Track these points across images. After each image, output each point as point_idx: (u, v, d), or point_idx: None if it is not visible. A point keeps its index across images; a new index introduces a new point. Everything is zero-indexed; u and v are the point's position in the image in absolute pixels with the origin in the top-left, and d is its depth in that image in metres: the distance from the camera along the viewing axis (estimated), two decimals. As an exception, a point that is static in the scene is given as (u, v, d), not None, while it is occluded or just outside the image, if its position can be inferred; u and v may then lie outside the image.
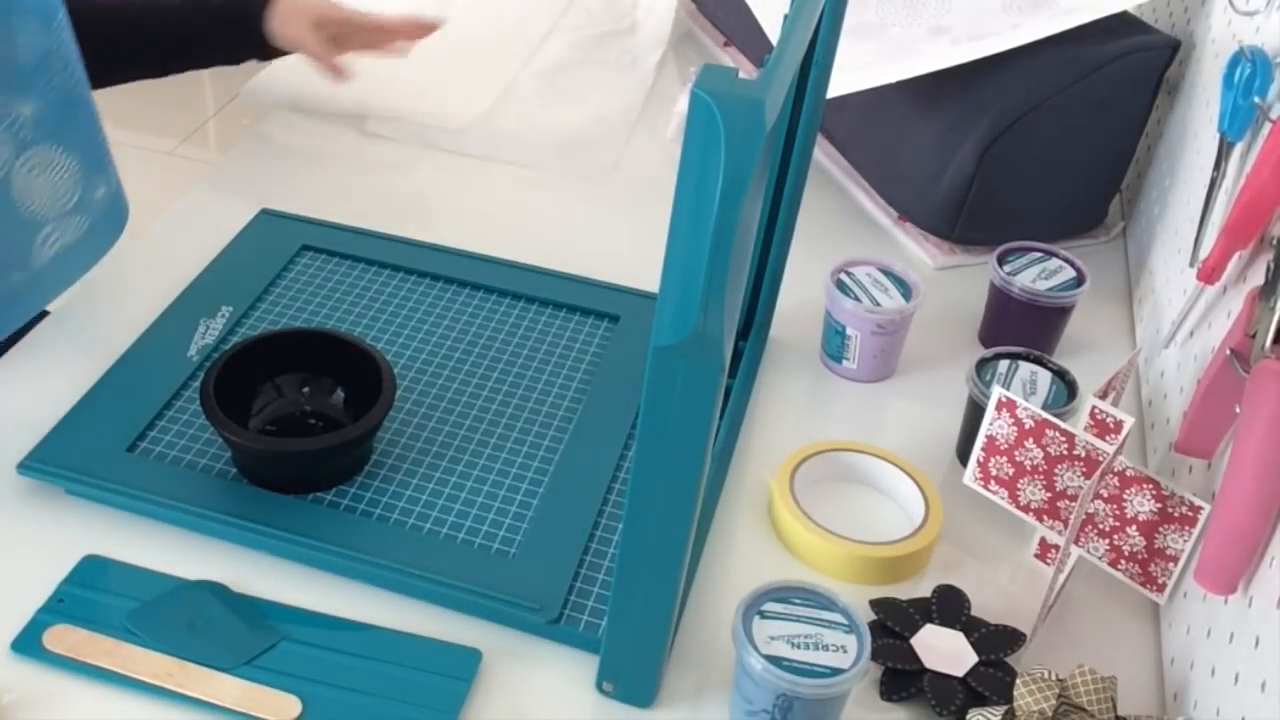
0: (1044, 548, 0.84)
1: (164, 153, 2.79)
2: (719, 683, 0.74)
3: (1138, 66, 1.07)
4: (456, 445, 0.87)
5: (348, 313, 0.99)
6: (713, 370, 0.58)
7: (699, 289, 0.55)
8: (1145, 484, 0.76)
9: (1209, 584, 0.66)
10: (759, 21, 1.22)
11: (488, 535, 0.80)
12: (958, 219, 1.10)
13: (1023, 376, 0.88)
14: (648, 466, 0.61)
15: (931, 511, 0.83)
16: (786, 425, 0.94)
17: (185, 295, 0.97)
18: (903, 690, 0.73)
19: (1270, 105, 0.85)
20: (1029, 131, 1.06)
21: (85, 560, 0.77)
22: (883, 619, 0.76)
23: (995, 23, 1.07)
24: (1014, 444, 0.81)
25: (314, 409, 0.87)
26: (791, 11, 0.68)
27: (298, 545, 0.78)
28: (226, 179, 1.16)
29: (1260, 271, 0.76)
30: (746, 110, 0.51)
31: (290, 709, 0.69)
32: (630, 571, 0.66)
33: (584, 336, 0.98)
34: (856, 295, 0.96)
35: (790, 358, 1.00)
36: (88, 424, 0.84)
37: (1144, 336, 1.04)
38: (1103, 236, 1.18)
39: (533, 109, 1.30)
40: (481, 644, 0.74)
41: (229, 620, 0.74)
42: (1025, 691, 0.68)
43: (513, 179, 1.20)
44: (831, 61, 0.87)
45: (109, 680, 0.70)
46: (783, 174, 0.92)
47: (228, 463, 0.83)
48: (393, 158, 1.21)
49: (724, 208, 0.53)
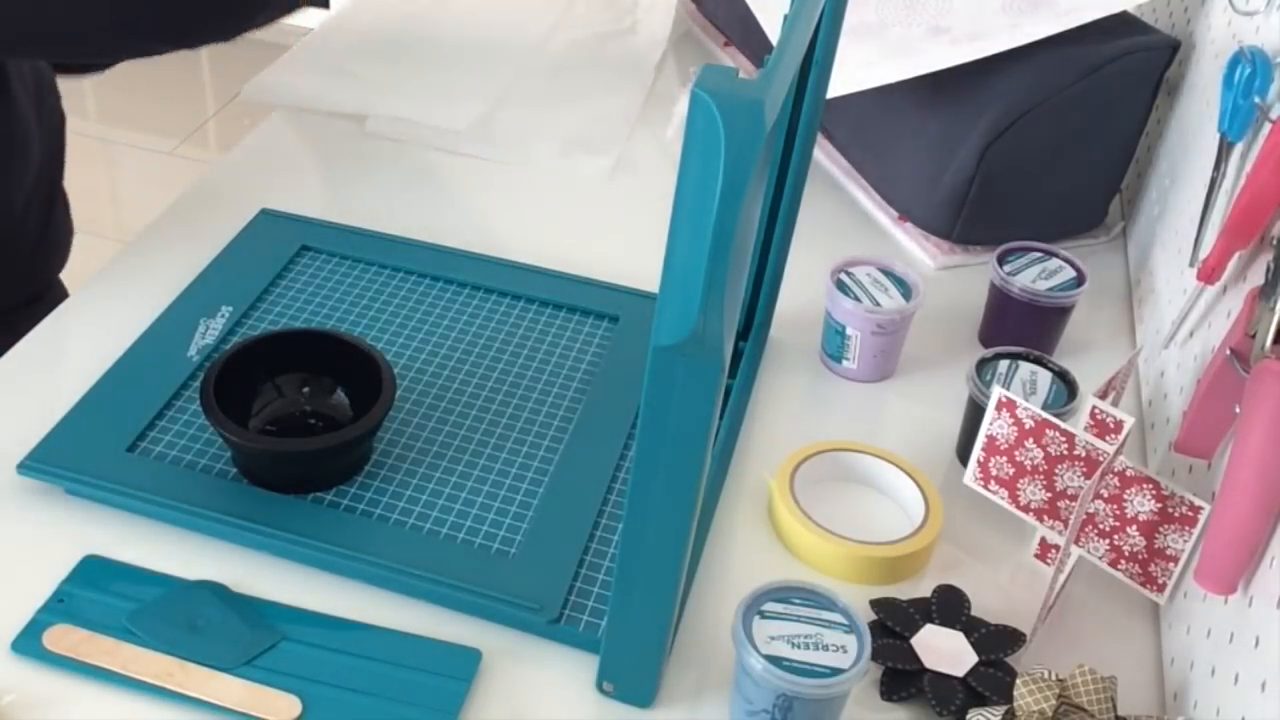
0: (1044, 548, 0.84)
1: (164, 153, 2.79)
2: (719, 683, 0.74)
3: (1138, 66, 1.07)
4: (456, 445, 0.87)
5: (348, 313, 0.99)
6: (713, 370, 0.58)
7: (699, 289, 0.55)
8: (1145, 484, 0.77)
9: (1209, 584, 0.66)
10: (759, 21, 1.22)
11: (488, 535, 0.80)
12: (958, 219, 1.10)
13: (1023, 376, 0.88)
14: (648, 466, 0.61)
15: (931, 511, 0.83)
16: (786, 425, 0.94)
17: (185, 295, 0.97)
18: (903, 690, 0.73)
19: (1270, 105, 0.85)
20: (1029, 131, 1.06)
21: (85, 560, 0.77)
22: (883, 619, 0.76)
23: (995, 23, 1.07)
24: (1014, 444, 0.81)
25: (314, 409, 0.87)
26: (791, 11, 0.68)
27: (298, 545, 0.78)
28: (226, 179, 1.16)
29: (1260, 271, 0.76)
30: (746, 110, 0.51)
31: (290, 709, 0.69)
32: (630, 571, 0.66)
33: (584, 336, 0.98)
34: (856, 295, 0.96)
35: (790, 358, 1.00)
36: (88, 424, 0.84)
37: (1144, 336, 1.04)
38: (1103, 236, 1.18)
39: (533, 109, 1.30)
40: (481, 644, 0.74)
41: (229, 620, 0.74)
42: (1025, 691, 0.68)
43: (513, 179, 1.20)
44: (831, 61, 0.87)
45: (109, 680, 0.70)
46: (783, 174, 0.92)
47: (228, 463, 0.83)
48: (393, 158, 1.21)
49: (724, 208, 0.53)
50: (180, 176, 2.68)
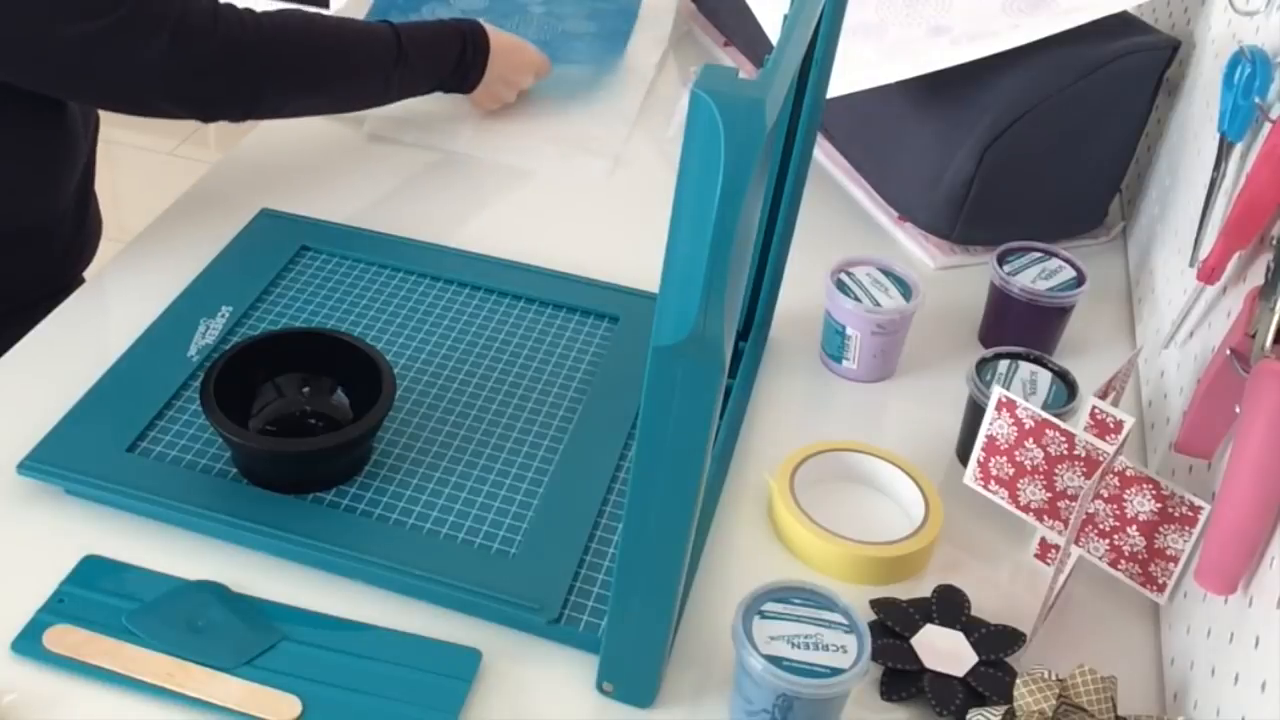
0: (1044, 548, 0.84)
1: (164, 153, 2.79)
2: (719, 683, 0.74)
3: (1138, 66, 1.07)
4: (456, 445, 0.87)
5: (348, 313, 0.99)
6: (713, 370, 0.58)
7: (699, 289, 0.55)
8: (1145, 484, 0.76)
9: (1209, 584, 0.66)
10: (759, 21, 1.22)
11: (488, 535, 0.80)
12: (958, 219, 1.10)
13: (1023, 376, 0.88)
14: (648, 466, 0.61)
15: (931, 511, 0.83)
16: (786, 425, 0.94)
17: (185, 295, 0.97)
18: (903, 690, 0.73)
19: (1270, 105, 0.85)
20: (1029, 131, 1.06)
21: (85, 560, 0.77)
22: (883, 619, 0.76)
23: (995, 23, 1.07)
24: (1014, 444, 0.81)
25: (314, 409, 0.87)
26: (791, 11, 0.68)
27: (298, 545, 0.78)
28: (226, 179, 1.16)
29: (1260, 271, 0.75)
30: (746, 110, 0.51)
31: (290, 709, 0.69)
32: (630, 571, 0.66)
33: (584, 336, 0.98)
34: (856, 295, 0.96)
35: (790, 358, 1.00)
36: (88, 424, 0.84)
37: (1144, 336, 1.04)
38: (1103, 236, 1.18)
39: (533, 109, 1.30)
40: (481, 644, 0.74)
41: (229, 620, 0.74)
42: (1025, 691, 0.68)
43: (513, 179, 1.20)
44: (831, 61, 0.87)
45: (109, 680, 0.70)
46: (783, 174, 0.92)
47: (228, 463, 0.83)
48: (393, 158, 1.21)
49: (724, 208, 0.53)
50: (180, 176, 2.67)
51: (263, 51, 1.00)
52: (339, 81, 1.09)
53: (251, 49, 0.99)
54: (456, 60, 1.17)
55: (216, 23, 0.97)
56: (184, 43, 0.95)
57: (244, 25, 0.98)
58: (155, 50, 0.94)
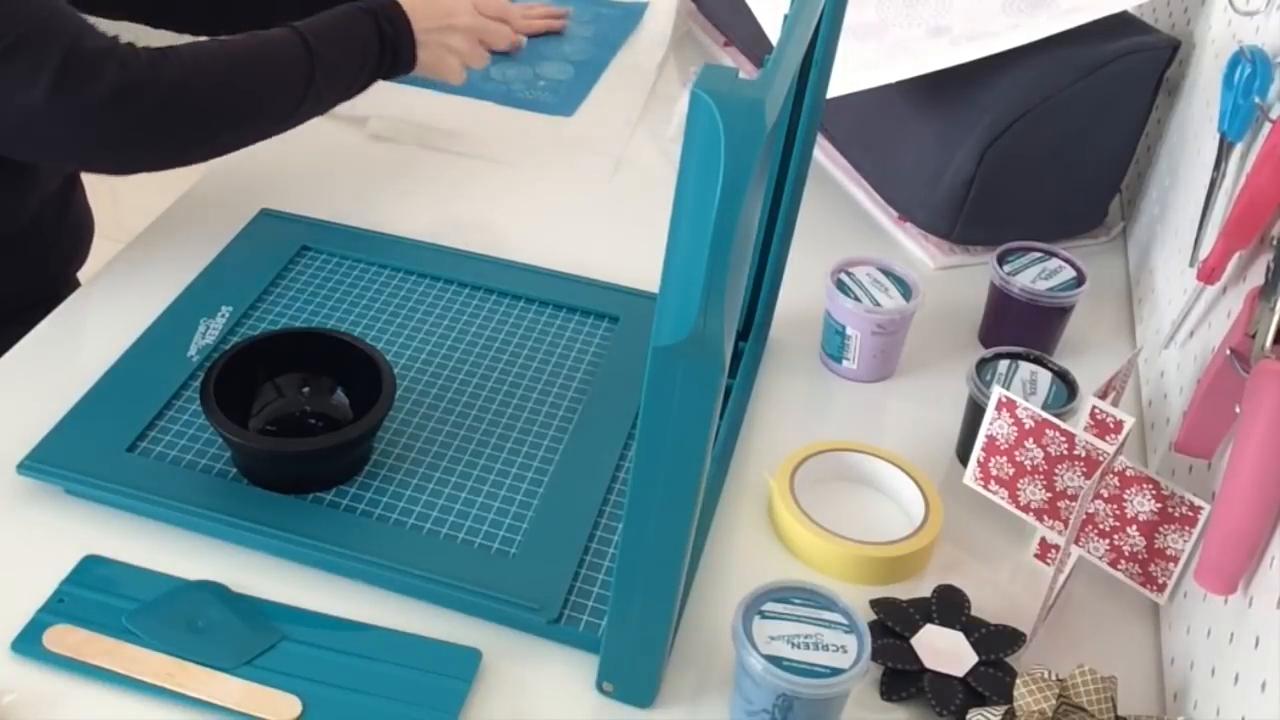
0: (1044, 548, 0.84)
1: (164, 153, 2.79)
2: (719, 683, 0.74)
3: (1138, 66, 1.07)
4: (456, 445, 0.87)
5: (348, 313, 0.99)
6: (713, 370, 0.58)
7: (699, 289, 0.55)
8: (1145, 484, 0.76)
9: (1209, 584, 0.66)
10: (759, 21, 1.22)
11: (488, 535, 0.80)
12: (958, 219, 1.10)
13: (1023, 376, 0.88)
14: (648, 466, 0.61)
15: (931, 511, 0.83)
16: (786, 425, 0.94)
17: (185, 295, 0.97)
18: (903, 690, 0.73)
19: (1270, 105, 0.85)
20: (1029, 131, 1.06)
21: (85, 560, 0.77)
22: (883, 619, 0.76)
23: (995, 23, 1.07)
24: (1014, 444, 0.81)
25: (314, 409, 0.87)
26: (791, 11, 0.68)
27: (298, 545, 0.78)
28: (226, 179, 1.16)
29: (1260, 271, 0.75)
30: (746, 110, 0.51)
31: (290, 709, 0.69)
32: (630, 571, 0.66)
33: (584, 336, 0.98)
34: (856, 295, 0.96)
35: (790, 358, 1.00)
36: (87, 424, 0.84)
37: (1144, 336, 1.04)
38: (1103, 236, 1.18)
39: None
40: (481, 644, 0.74)
41: (229, 620, 0.74)
42: (1025, 691, 0.68)
43: (513, 179, 1.20)
44: (831, 61, 0.87)
45: (109, 680, 0.70)
46: (783, 174, 0.92)
47: (228, 463, 0.83)
48: (393, 158, 1.21)
49: (724, 208, 0.53)
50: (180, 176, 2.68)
51: (170, 97, 0.89)
52: (249, 118, 0.97)
53: (154, 94, 0.88)
54: (377, 39, 1.02)
55: (109, 64, 0.86)
56: (71, 88, 0.84)
57: (146, 66, 0.87)
58: (36, 94, 0.83)
